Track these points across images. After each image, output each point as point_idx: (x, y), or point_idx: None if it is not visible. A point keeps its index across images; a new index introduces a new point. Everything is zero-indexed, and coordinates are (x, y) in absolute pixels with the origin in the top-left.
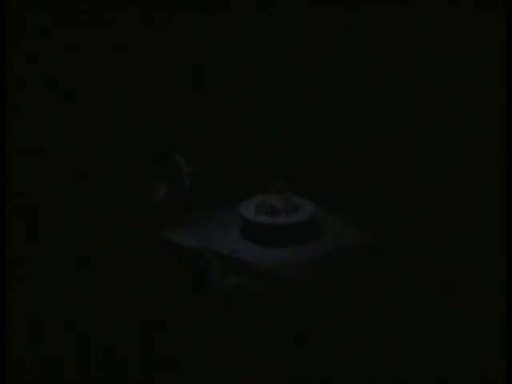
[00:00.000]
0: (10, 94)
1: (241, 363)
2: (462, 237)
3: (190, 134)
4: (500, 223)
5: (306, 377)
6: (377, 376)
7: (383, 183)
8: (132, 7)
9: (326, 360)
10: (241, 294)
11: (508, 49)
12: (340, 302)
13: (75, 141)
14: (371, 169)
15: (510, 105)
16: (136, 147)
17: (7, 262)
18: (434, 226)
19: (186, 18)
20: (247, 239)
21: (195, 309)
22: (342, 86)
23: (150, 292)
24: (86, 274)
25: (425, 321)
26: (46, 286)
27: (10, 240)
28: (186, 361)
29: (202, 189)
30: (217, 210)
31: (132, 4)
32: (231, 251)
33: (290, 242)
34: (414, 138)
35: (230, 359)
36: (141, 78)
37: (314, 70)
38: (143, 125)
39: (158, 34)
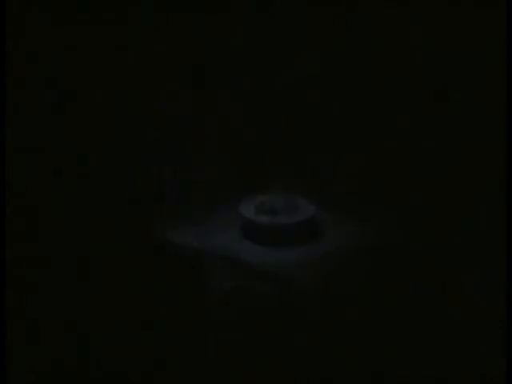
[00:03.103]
0: (10, 94)
1: (241, 363)
2: (461, 237)
3: (190, 134)
4: (500, 223)
5: (305, 377)
6: (377, 376)
7: (383, 183)
8: (132, 7)
9: (326, 360)
10: (241, 294)
11: (508, 49)
12: (340, 302)
13: (75, 141)
14: (371, 169)
15: (510, 105)
16: (136, 147)
17: (7, 262)
18: (434, 225)
19: (185, 18)
20: (247, 239)
21: (195, 309)
22: (342, 85)
23: (150, 292)
24: (86, 274)
25: (425, 321)
26: (45, 286)
27: (10, 240)
28: (186, 361)
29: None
30: (217, 210)
31: (132, 4)
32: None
33: (290, 242)
34: (414, 137)
35: (230, 359)
36: (141, 77)
37: (313, 70)
38: (143, 125)
39: (158, 34)
